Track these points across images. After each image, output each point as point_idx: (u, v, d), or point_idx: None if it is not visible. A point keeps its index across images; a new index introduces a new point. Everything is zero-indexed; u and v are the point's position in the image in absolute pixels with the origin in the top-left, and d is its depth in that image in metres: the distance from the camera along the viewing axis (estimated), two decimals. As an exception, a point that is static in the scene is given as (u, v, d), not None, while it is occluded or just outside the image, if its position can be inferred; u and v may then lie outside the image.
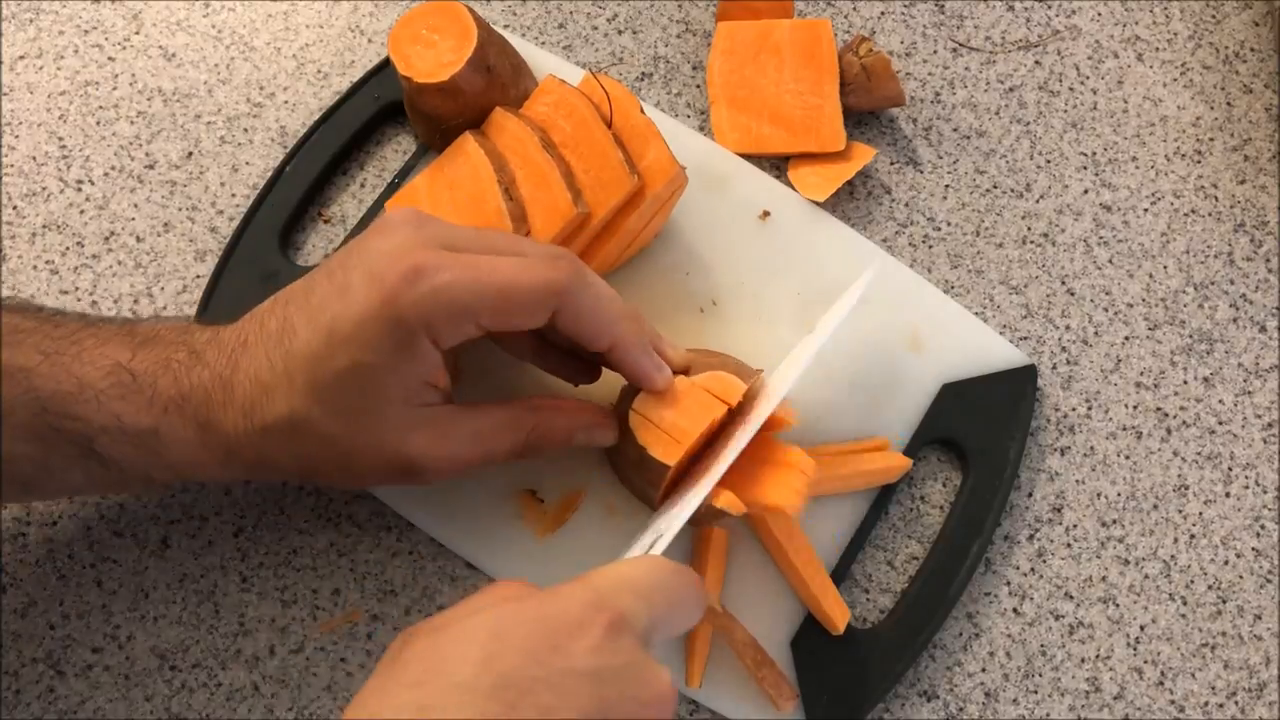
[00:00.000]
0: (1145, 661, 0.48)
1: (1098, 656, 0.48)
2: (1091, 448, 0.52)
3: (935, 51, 0.59)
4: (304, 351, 0.38)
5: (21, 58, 0.56)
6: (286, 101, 0.56)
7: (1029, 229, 0.55)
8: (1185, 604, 0.49)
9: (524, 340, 0.45)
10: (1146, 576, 0.50)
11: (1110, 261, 0.55)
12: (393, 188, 0.52)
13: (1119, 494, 0.51)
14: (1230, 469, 0.52)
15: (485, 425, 0.42)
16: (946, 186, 0.56)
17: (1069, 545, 0.50)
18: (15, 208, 0.53)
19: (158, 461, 0.40)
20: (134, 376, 0.39)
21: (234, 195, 0.54)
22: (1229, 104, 0.59)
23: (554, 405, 0.44)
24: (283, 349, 0.39)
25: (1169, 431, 0.52)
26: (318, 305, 0.39)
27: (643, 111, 0.49)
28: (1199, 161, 0.57)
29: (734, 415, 0.45)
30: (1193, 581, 0.50)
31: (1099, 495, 0.51)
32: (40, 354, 0.38)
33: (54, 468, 0.40)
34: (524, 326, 0.40)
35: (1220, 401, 0.53)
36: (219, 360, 0.40)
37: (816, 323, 0.48)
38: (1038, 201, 0.56)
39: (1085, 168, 0.57)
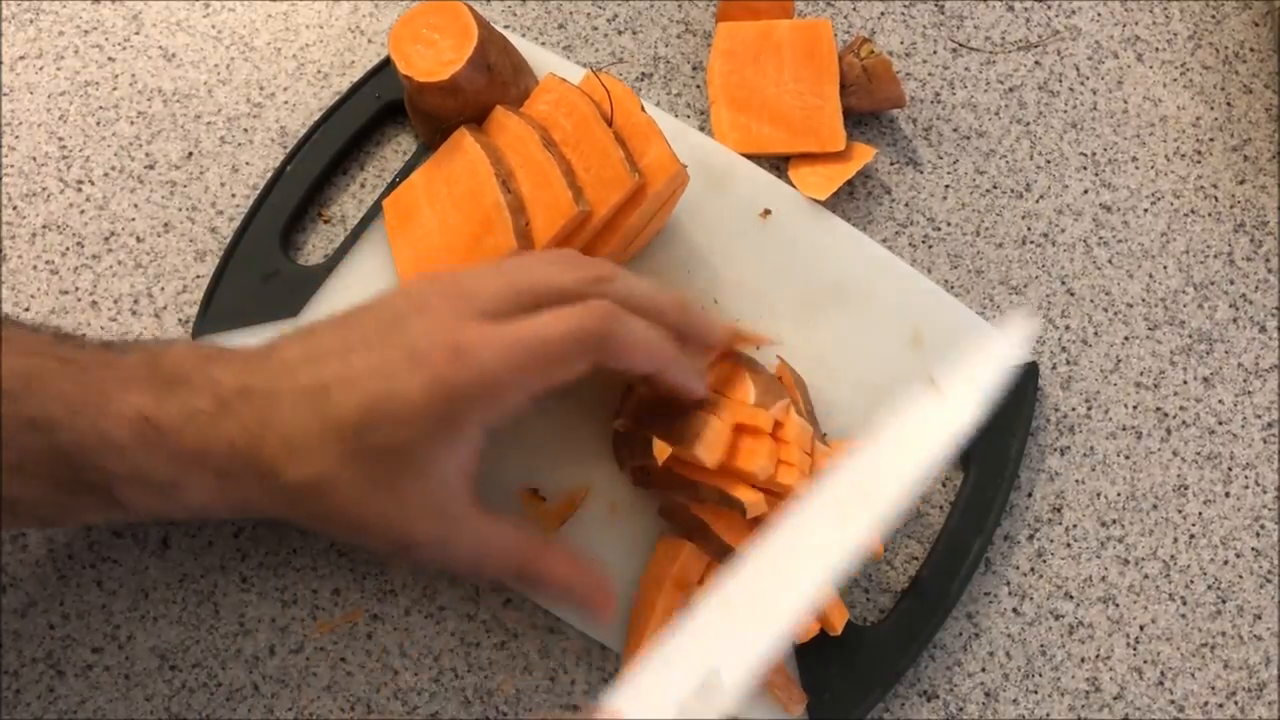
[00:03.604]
0: (1145, 661, 0.48)
1: (1098, 656, 0.48)
2: (1091, 448, 0.52)
3: (935, 52, 0.59)
4: (340, 421, 0.38)
5: (21, 58, 0.56)
6: (286, 101, 0.56)
7: (1029, 229, 0.55)
8: (1185, 604, 0.49)
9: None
10: (1146, 576, 0.50)
11: (1110, 262, 0.55)
12: (393, 187, 0.52)
13: (1119, 494, 0.51)
14: (1230, 469, 0.52)
15: (490, 538, 0.41)
16: (946, 186, 0.56)
17: (1069, 545, 0.50)
18: (15, 208, 0.53)
19: (175, 505, 0.40)
20: (158, 430, 0.38)
21: (234, 195, 0.54)
22: (1229, 104, 0.59)
23: (560, 558, 0.42)
24: (317, 413, 0.38)
25: (1169, 431, 0.52)
26: (357, 377, 0.38)
27: (643, 110, 0.49)
28: (1199, 161, 0.57)
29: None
30: (1192, 581, 0.50)
31: (1099, 495, 0.51)
32: (64, 408, 0.37)
33: (73, 509, 0.40)
34: (570, 379, 0.40)
35: (1220, 401, 0.53)
36: (248, 414, 0.39)
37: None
38: (1038, 202, 0.56)
39: (1085, 168, 0.57)
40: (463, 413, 0.38)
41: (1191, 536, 0.50)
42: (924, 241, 0.55)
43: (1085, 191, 0.56)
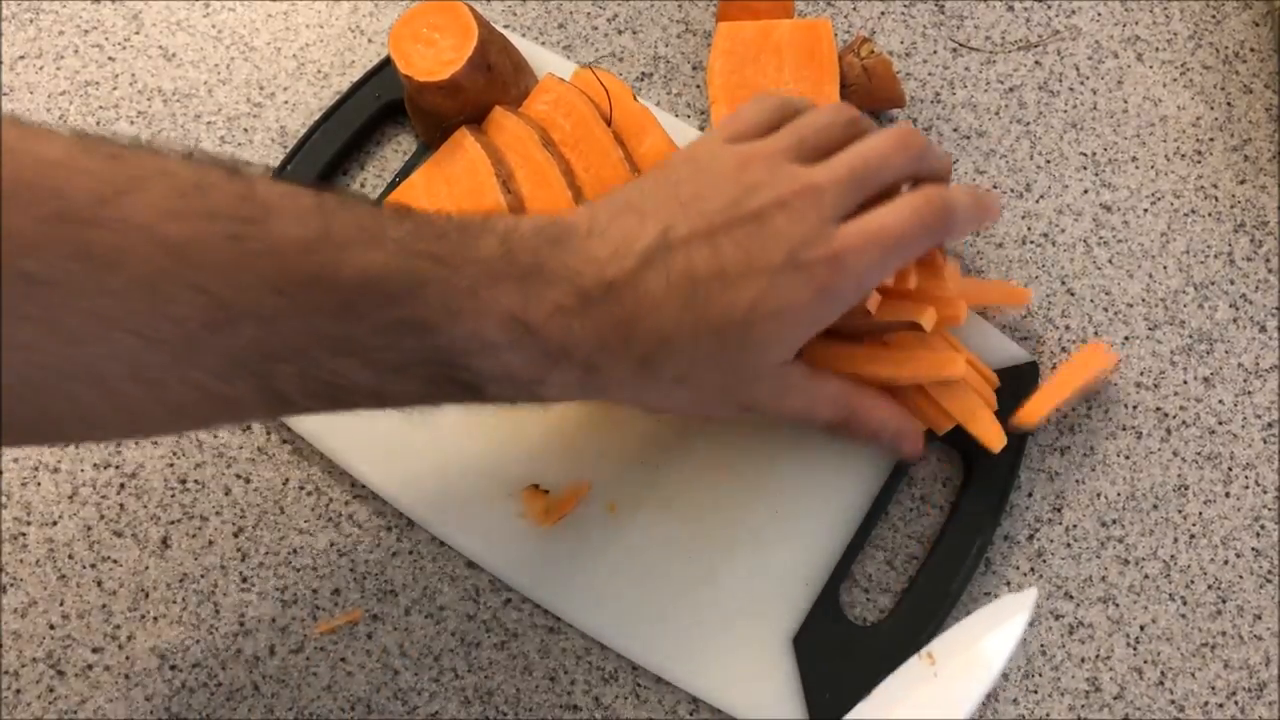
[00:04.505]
0: (1145, 661, 0.48)
1: (1097, 656, 0.48)
2: (1091, 448, 0.52)
3: (935, 52, 0.59)
4: (720, 320, 0.40)
5: (21, 58, 0.56)
6: (286, 101, 0.56)
7: (1029, 229, 0.55)
8: (1185, 604, 0.49)
9: None
10: (1146, 576, 0.50)
11: (1110, 261, 0.55)
12: (393, 187, 0.52)
13: (1119, 494, 0.51)
14: (1230, 469, 0.52)
15: (818, 393, 0.45)
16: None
17: (1069, 545, 0.50)
18: (15, 207, 0.53)
19: (535, 398, 0.41)
20: (528, 329, 0.38)
21: (234, 195, 0.54)
22: (1229, 104, 0.59)
23: (877, 400, 0.46)
24: (692, 309, 0.40)
25: (1169, 431, 0.52)
26: (735, 275, 0.40)
27: (636, 99, 0.49)
28: (1199, 161, 0.57)
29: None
30: (1192, 581, 0.50)
31: (1099, 495, 0.51)
32: (444, 312, 0.37)
33: (437, 400, 0.41)
34: None
35: (1220, 401, 0.53)
36: (616, 311, 0.39)
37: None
38: (1038, 202, 0.56)
39: (1085, 168, 0.57)
40: (835, 311, 0.42)
41: (1192, 536, 0.50)
42: (924, 241, 0.55)
43: (1085, 191, 0.56)
